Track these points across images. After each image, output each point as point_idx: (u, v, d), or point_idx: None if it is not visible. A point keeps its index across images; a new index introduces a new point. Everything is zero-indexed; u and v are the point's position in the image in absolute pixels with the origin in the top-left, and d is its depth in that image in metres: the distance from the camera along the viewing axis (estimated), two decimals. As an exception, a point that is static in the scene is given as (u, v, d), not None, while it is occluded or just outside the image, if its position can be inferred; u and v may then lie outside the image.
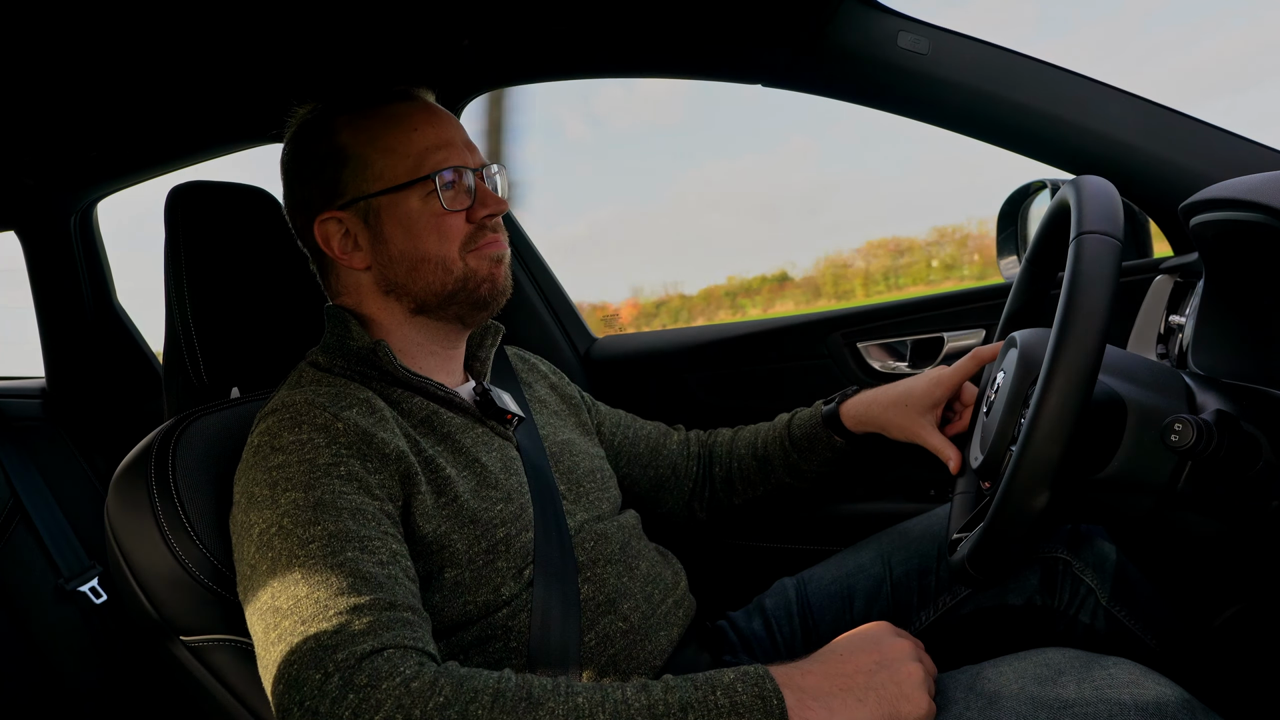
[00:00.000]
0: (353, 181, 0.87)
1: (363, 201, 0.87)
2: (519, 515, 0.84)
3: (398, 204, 0.86)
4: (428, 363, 0.92)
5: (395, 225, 0.86)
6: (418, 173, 0.86)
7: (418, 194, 0.86)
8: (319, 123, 0.90)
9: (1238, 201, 0.70)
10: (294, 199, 0.92)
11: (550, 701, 0.60)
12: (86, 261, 1.73)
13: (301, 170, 0.90)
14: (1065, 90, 1.04)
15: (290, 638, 0.63)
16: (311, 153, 0.89)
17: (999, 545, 0.66)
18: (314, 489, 0.72)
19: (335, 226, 0.88)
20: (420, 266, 0.87)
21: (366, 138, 0.87)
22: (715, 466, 1.16)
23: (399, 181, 0.86)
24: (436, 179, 0.85)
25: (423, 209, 0.86)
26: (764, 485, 1.12)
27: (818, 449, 1.07)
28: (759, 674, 0.62)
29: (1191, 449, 0.63)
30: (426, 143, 0.87)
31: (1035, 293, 0.94)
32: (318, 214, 0.88)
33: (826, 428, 1.06)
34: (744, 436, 1.16)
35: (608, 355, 1.60)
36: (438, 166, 0.86)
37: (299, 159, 0.90)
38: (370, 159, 0.86)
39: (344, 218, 0.88)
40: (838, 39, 1.07)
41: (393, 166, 0.86)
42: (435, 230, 0.86)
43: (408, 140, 0.87)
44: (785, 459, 1.10)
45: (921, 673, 0.66)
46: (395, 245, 0.87)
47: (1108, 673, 0.63)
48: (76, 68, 0.99)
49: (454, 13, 1.01)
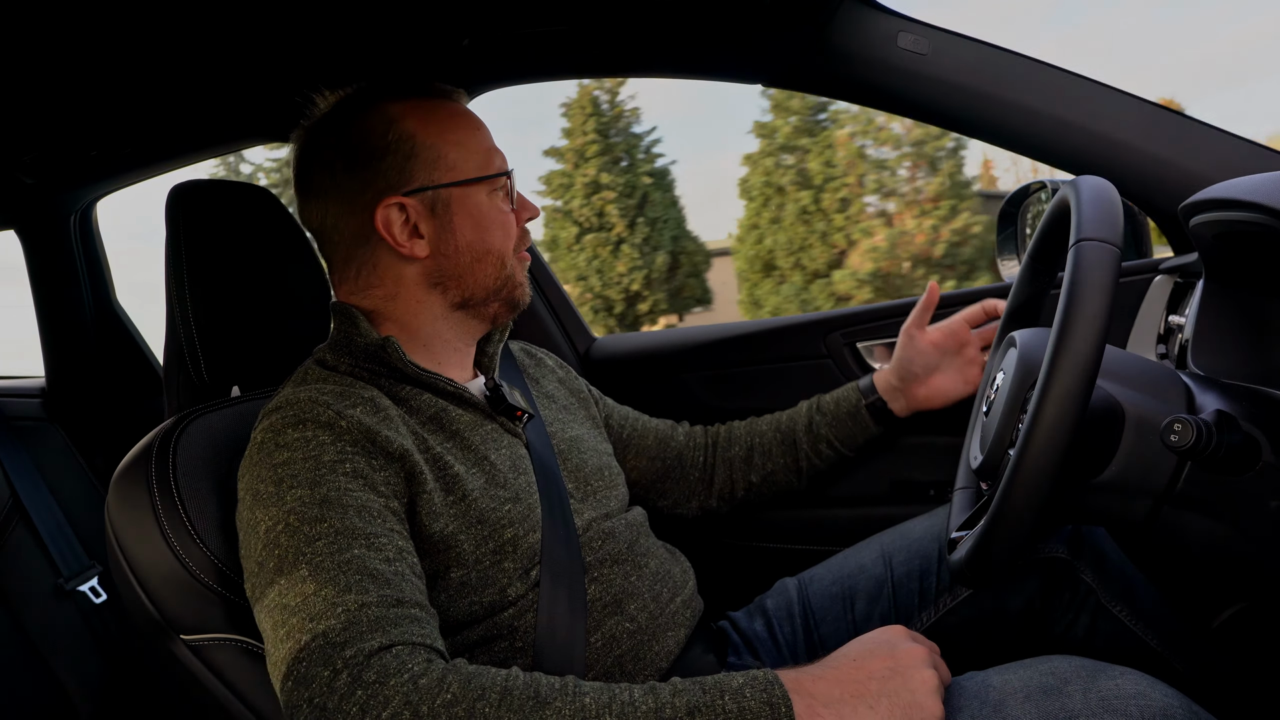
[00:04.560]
0: (422, 170, 0.87)
1: (431, 191, 0.87)
2: (527, 515, 0.84)
3: (469, 197, 0.89)
4: (448, 359, 0.92)
5: (465, 217, 0.88)
6: (487, 169, 0.89)
7: (485, 190, 0.90)
8: (370, 108, 0.89)
9: (1238, 202, 0.70)
10: (336, 184, 0.89)
11: (557, 701, 0.60)
12: (86, 261, 1.73)
13: (353, 155, 0.88)
14: (1065, 90, 1.04)
15: (298, 635, 0.64)
16: (368, 138, 0.87)
17: (996, 550, 0.66)
18: (319, 486, 0.72)
19: (398, 212, 0.87)
20: (484, 259, 0.89)
21: (436, 129, 0.88)
22: (734, 447, 1.18)
23: (473, 175, 0.89)
24: (507, 178, 0.91)
25: (490, 205, 0.90)
26: (784, 457, 1.15)
27: (844, 413, 1.14)
28: (768, 679, 0.62)
29: (1191, 449, 0.63)
30: (489, 143, 0.92)
31: (1036, 290, 0.94)
32: (379, 199, 0.87)
33: (859, 390, 1.14)
34: (765, 419, 1.20)
35: (607, 355, 1.60)
36: (502, 167, 0.91)
37: (347, 144, 0.88)
38: (443, 150, 0.88)
39: (409, 204, 0.87)
40: (838, 39, 1.07)
41: (464, 160, 0.89)
42: (501, 226, 0.90)
43: (474, 137, 0.90)
44: (809, 426, 1.14)
45: (935, 679, 0.65)
46: (463, 236, 0.88)
47: (1114, 683, 0.63)
48: (76, 67, 0.99)
49: (454, 13, 1.01)
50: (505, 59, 1.19)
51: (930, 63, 1.06)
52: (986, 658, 0.83)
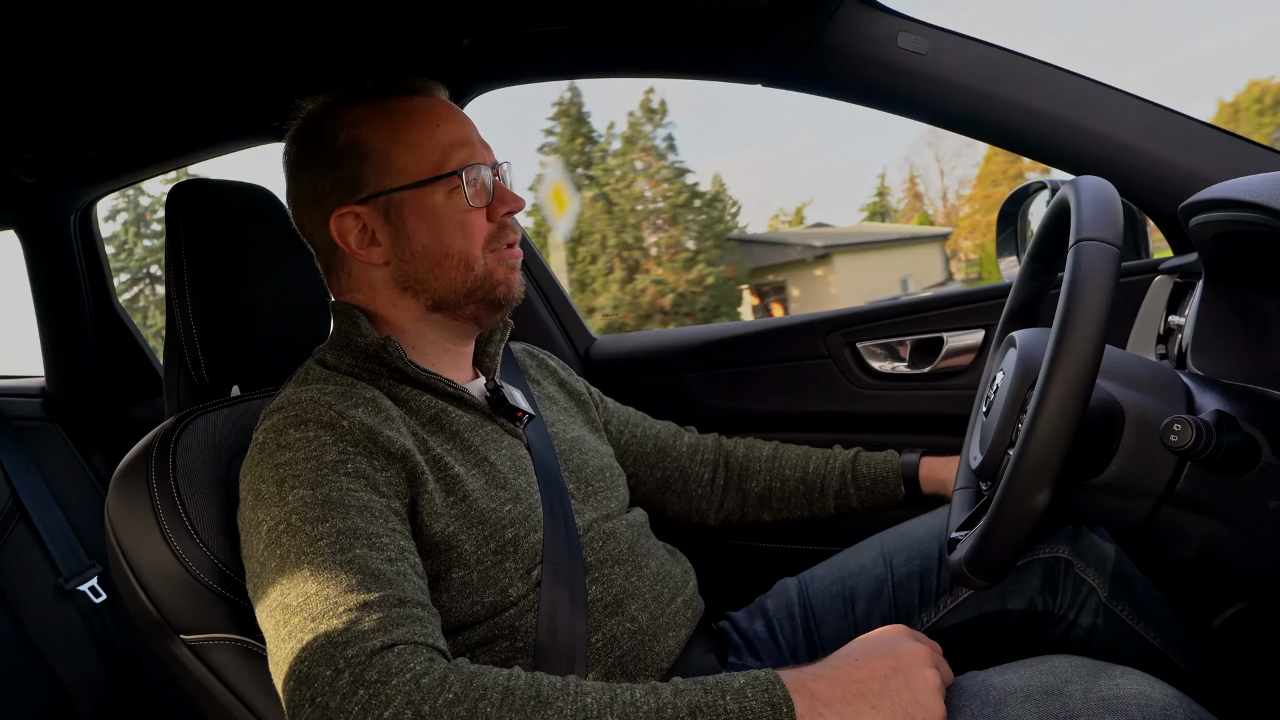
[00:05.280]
0: (374, 176, 0.86)
1: (383, 196, 0.86)
2: (528, 515, 0.84)
3: (421, 199, 0.86)
4: (440, 360, 0.92)
5: (418, 221, 0.86)
6: (442, 169, 0.86)
7: (442, 190, 0.86)
8: (332, 115, 0.89)
9: (1237, 202, 0.70)
10: (304, 193, 0.90)
11: (559, 701, 0.60)
12: (86, 261, 1.73)
13: (314, 163, 0.88)
14: (1065, 90, 1.04)
15: (300, 634, 0.64)
16: (325, 146, 0.88)
17: (996, 549, 0.65)
18: (321, 486, 0.72)
19: (353, 221, 0.87)
20: (443, 262, 0.87)
21: (388, 132, 0.86)
22: (751, 482, 1.15)
23: (423, 177, 0.86)
24: (463, 175, 0.86)
25: (446, 205, 0.86)
26: (806, 510, 1.13)
27: (880, 492, 1.09)
28: (769, 679, 0.62)
29: (1191, 449, 0.63)
30: (449, 139, 0.87)
31: (1036, 289, 0.94)
32: (334, 208, 0.87)
33: (902, 480, 1.08)
34: (789, 458, 1.15)
35: (607, 355, 1.60)
36: (462, 163, 0.87)
37: (310, 152, 0.89)
38: (393, 154, 0.86)
39: (362, 212, 0.86)
40: (838, 39, 1.07)
41: (416, 162, 0.86)
42: (460, 227, 0.87)
43: (430, 136, 0.87)
44: (841, 491, 1.11)
45: (937, 679, 0.65)
46: (418, 241, 0.86)
47: (1115, 683, 0.63)
48: (76, 66, 0.99)
49: (454, 13, 1.01)
50: (505, 59, 1.19)
51: (930, 62, 1.06)
52: (987, 658, 0.83)
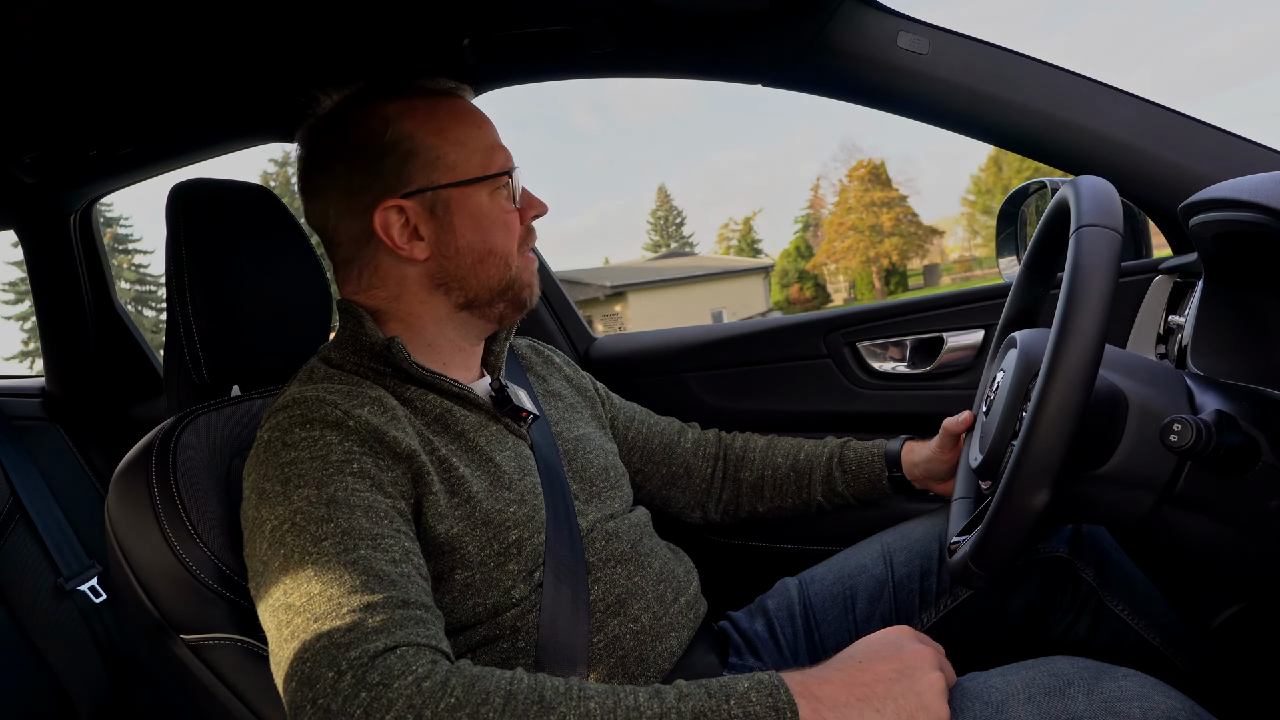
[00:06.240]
0: (421, 171, 0.86)
1: (430, 192, 0.86)
2: (531, 517, 0.84)
3: (469, 197, 0.87)
4: (452, 358, 0.92)
5: (465, 218, 0.87)
6: (488, 169, 0.88)
7: (486, 190, 0.88)
8: (366, 109, 0.88)
9: (1237, 202, 0.70)
10: (334, 186, 0.88)
11: (562, 706, 0.60)
12: (86, 261, 1.73)
13: (348, 157, 0.87)
14: (1065, 90, 1.04)
15: (303, 635, 0.63)
16: (367, 139, 0.87)
17: (997, 546, 0.65)
18: (326, 485, 0.72)
19: (397, 215, 0.86)
20: (486, 260, 0.88)
21: (435, 129, 0.87)
22: (745, 471, 1.17)
23: (472, 175, 0.87)
24: (511, 176, 0.89)
25: (491, 204, 0.88)
26: (795, 498, 1.14)
27: (865, 478, 1.10)
28: (773, 684, 0.62)
29: (1191, 449, 0.63)
30: (491, 140, 0.90)
31: (1033, 298, 0.94)
32: (377, 201, 0.86)
33: (885, 462, 1.09)
34: (782, 446, 1.17)
35: (607, 355, 1.61)
36: (505, 165, 0.90)
37: (347, 145, 0.88)
38: (441, 150, 0.87)
39: (407, 207, 0.86)
40: (838, 39, 1.07)
41: (465, 160, 0.87)
42: (503, 226, 0.89)
43: (475, 136, 0.89)
44: (828, 476, 1.12)
45: (941, 682, 0.65)
46: (463, 237, 0.87)
47: (1117, 685, 0.63)
48: (77, 66, 0.99)
49: (454, 13, 1.01)
50: (505, 59, 1.19)
51: (930, 62, 1.06)
52: (988, 658, 0.83)
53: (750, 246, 40.31)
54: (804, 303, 33.40)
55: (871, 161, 34.50)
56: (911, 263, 34.34)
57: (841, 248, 32.75)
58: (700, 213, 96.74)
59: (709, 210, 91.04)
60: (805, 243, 36.63)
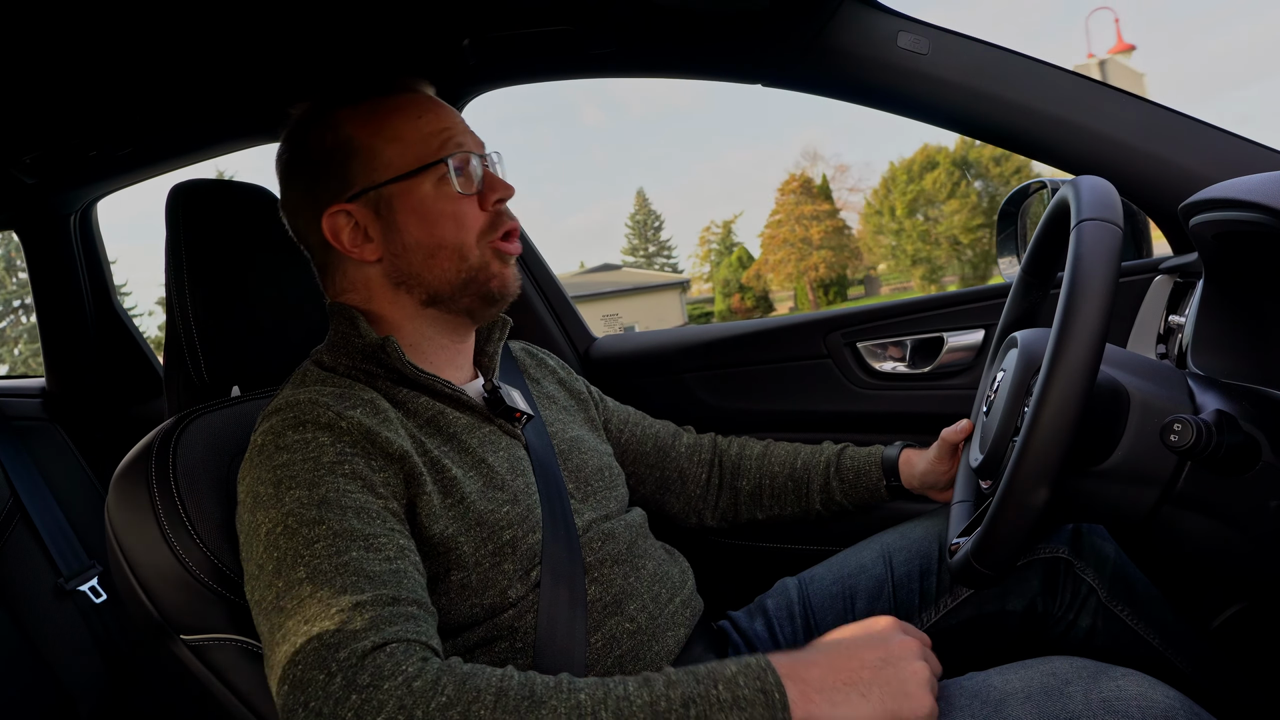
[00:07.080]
0: (362, 172, 0.86)
1: (373, 192, 0.86)
2: (526, 517, 0.84)
3: (410, 191, 0.86)
4: (438, 357, 0.91)
5: (409, 213, 0.86)
6: (427, 158, 0.86)
7: (430, 180, 0.86)
8: (320, 118, 0.89)
9: (1237, 202, 0.70)
10: (296, 196, 0.90)
11: (553, 700, 0.60)
12: (86, 261, 1.73)
13: (305, 166, 0.89)
14: (1065, 90, 1.04)
15: (294, 638, 0.63)
16: (315, 148, 0.88)
17: (1005, 530, 0.65)
18: (318, 487, 0.72)
19: (344, 219, 0.87)
20: (437, 254, 0.86)
21: (373, 128, 0.86)
22: (742, 479, 1.16)
23: (409, 168, 0.85)
24: (450, 162, 0.86)
25: (436, 195, 0.86)
26: (794, 506, 1.14)
27: (863, 487, 1.10)
28: (761, 666, 0.62)
29: (1191, 449, 0.63)
30: (432, 128, 0.87)
31: (1032, 301, 0.94)
32: (325, 208, 0.87)
33: (882, 471, 1.09)
34: (778, 454, 1.16)
35: (607, 355, 1.60)
36: (447, 151, 0.86)
37: (301, 155, 0.89)
38: (378, 148, 0.86)
39: (353, 210, 0.86)
40: (838, 39, 1.07)
41: (402, 154, 0.86)
42: (451, 217, 0.86)
43: (414, 127, 0.87)
44: (825, 485, 1.12)
45: (926, 671, 0.65)
46: (409, 234, 0.86)
47: (1115, 684, 0.63)
48: (77, 67, 0.99)
49: (454, 13, 1.01)
50: (505, 59, 1.19)
51: (930, 62, 1.06)
52: (987, 658, 0.83)
53: (728, 249, 40.64)
54: (745, 312, 33.95)
55: (804, 175, 34.70)
56: (859, 273, 34.74)
57: (774, 260, 33.09)
58: (700, 214, 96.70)
59: (697, 212, 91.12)
60: (747, 252, 36.84)
